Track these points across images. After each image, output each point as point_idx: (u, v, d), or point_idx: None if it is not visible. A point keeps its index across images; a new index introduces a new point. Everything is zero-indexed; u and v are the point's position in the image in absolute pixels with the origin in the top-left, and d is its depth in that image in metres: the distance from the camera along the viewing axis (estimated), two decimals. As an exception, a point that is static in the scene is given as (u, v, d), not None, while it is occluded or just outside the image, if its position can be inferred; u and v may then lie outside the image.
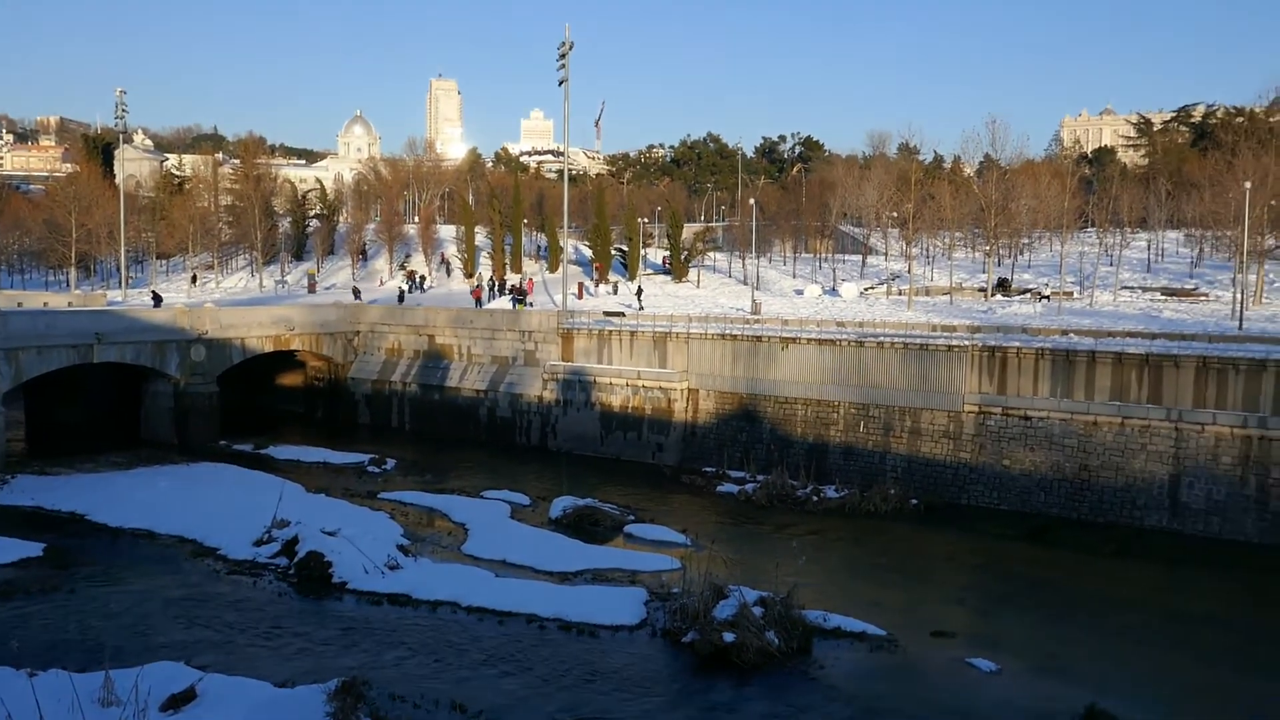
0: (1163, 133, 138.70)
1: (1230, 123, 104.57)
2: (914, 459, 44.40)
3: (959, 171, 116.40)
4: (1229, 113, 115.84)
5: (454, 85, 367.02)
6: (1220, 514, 37.80)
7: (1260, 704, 24.53)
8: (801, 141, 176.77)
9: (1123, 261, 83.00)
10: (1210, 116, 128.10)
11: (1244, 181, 56.35)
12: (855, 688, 24.88)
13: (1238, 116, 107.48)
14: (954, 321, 53.45)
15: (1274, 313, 57.18)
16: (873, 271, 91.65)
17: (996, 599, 32.14)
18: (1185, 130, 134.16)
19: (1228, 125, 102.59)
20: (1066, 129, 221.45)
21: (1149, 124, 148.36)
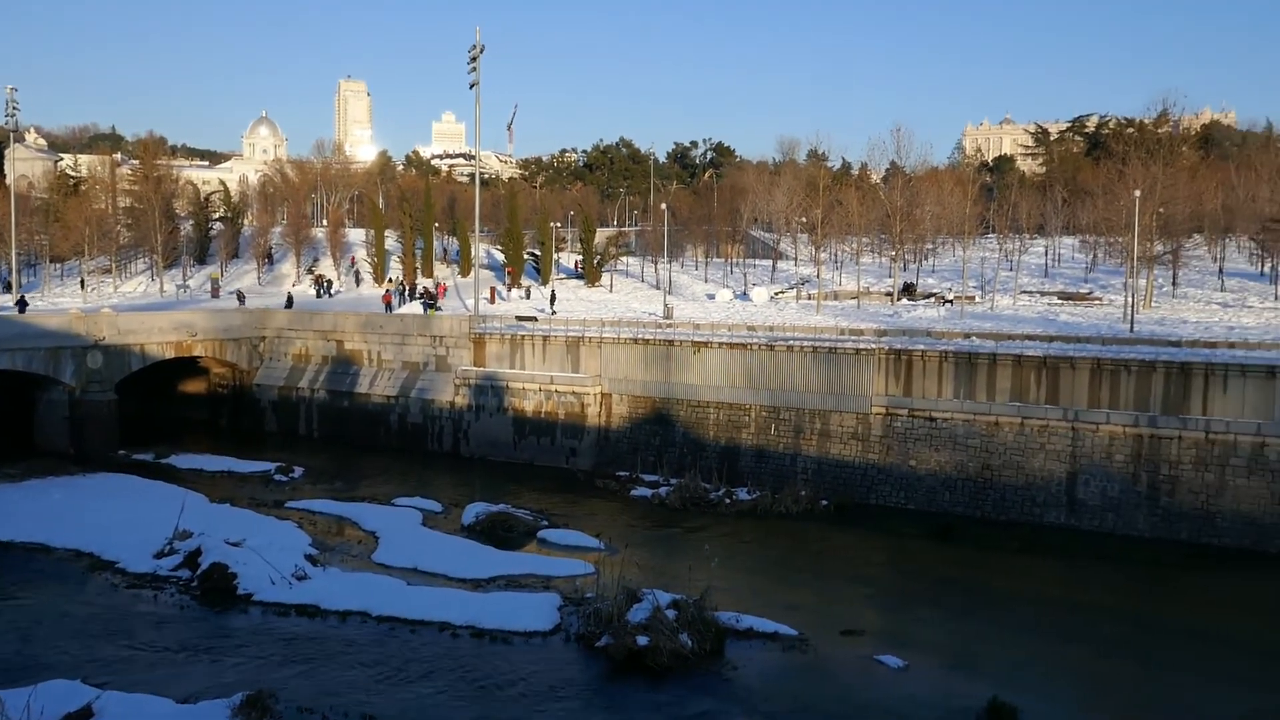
0: (1059, 142, 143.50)
1: (1121, 133, 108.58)
2: (824, 460, 45.13)
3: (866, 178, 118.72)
4: (1120, 124, 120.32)
5: (363, 87, 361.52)
6: (1114, 510, 39.23)
7: (1153, 692, 25.54)
8: (713, 147, 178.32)
9: (1022, 266, 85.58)
10: (1103, 127, 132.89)
11: (1134, 190, 58.55)
12: (768, 688, 25.19)
13: (1128, 127, 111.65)
14: (862, 325, 54.45)
15: (1162, 316, 59.54)
16: (783, 276, 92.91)
17: (904, 597, 32.85)
18: (1080, 140, 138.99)
19: (1119, 135, 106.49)
20: (968, 137, 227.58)
21: (1046, 134, 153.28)
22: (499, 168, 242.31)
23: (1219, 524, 37.35)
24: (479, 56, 59.76)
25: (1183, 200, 72.39)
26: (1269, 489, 36.63)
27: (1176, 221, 71.95)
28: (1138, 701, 25.08)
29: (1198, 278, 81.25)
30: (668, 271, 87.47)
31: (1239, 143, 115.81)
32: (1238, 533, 36.96)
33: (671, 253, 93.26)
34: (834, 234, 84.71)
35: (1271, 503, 36.58)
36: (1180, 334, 47.58)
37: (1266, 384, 37.20)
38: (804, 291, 78.99)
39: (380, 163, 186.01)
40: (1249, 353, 40.53)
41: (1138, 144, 77.95)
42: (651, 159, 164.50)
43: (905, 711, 23.88)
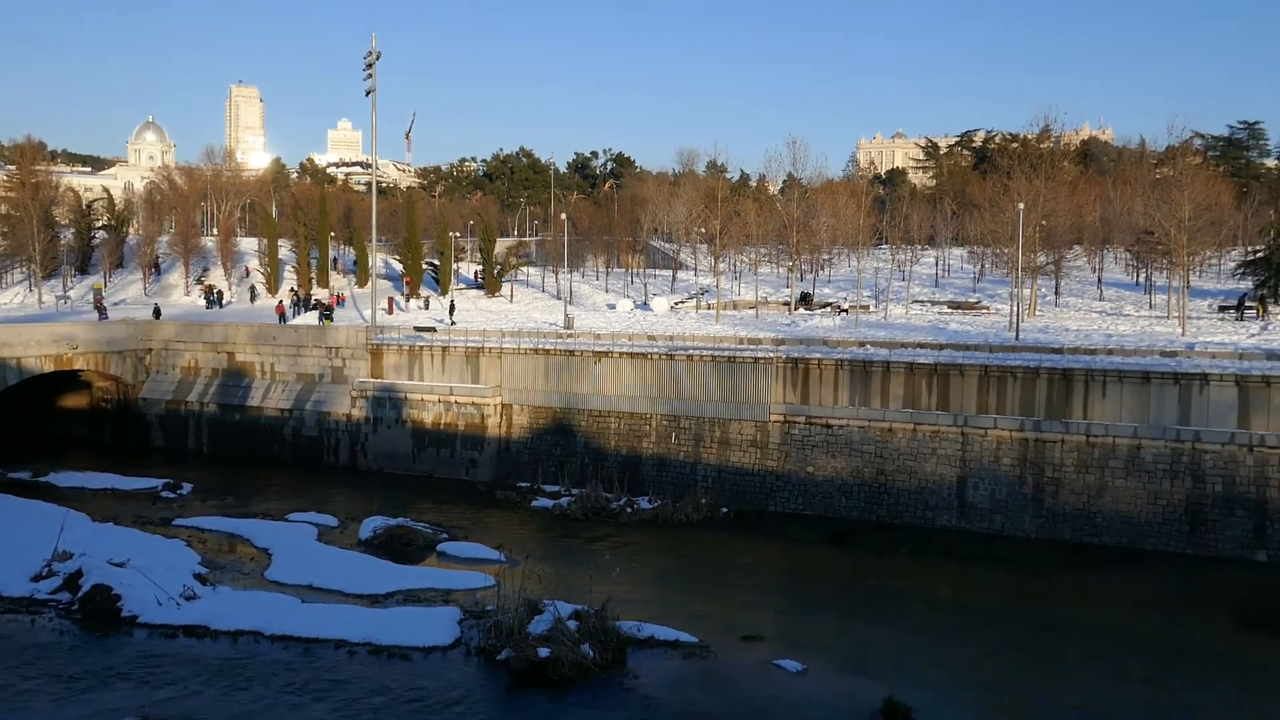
0: (948, 156, 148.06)
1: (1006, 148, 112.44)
2: (724, 468, 45.59)
3: (764, 190, 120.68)
4: (1005, 139, 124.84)
5: (255, 92, 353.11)
6: (1002, 512, 40.52)
7: (1041, 687, 26.42)
8: (614, 158, 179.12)
9: (913, 276, 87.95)
10: (989, 142, 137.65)
11: (1018, 202, 60.72)
12: (669, 695, 25.32)
13: (1013, 142, 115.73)
14: (760, 334, 55.19)
15: (1046, 324, 61.82)
16: (683, 286, 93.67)
17: (802, 601, 33.39)
18: (968, 154, 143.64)
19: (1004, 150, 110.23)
20: (862, 150, 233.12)
21: (936, 148, 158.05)
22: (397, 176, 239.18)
23: (1099, 523, 38.88)
24: (375, 63, 58.94)
25: (1064, 213, 75.29)
26: (1145, 489, 38.29)
27: (1058, 233, 74.80)
28: (1027, 696, 25.92)
29: (1078, 287, 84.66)
30: (568, 281, 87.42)
31: (1115, 158, 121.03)
32: (1116, 531, 38.53)
33: (572, 263, 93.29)
34: (733, 244, 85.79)
35: (1147, 502, 38.23)
36: (1062, 341, 49.44)
37: (1142, 389, 38.90)
38: (704, 301, 79.77)
39: (274, 170, 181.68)
40: (1125, 359, 42.33)
41: (1021, 158, 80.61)
42: (552, 169, 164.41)
43: (803, 714, 24.26)
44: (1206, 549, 37.15)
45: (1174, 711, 24.78)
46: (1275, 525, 36.45)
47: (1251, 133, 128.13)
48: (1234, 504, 37.06)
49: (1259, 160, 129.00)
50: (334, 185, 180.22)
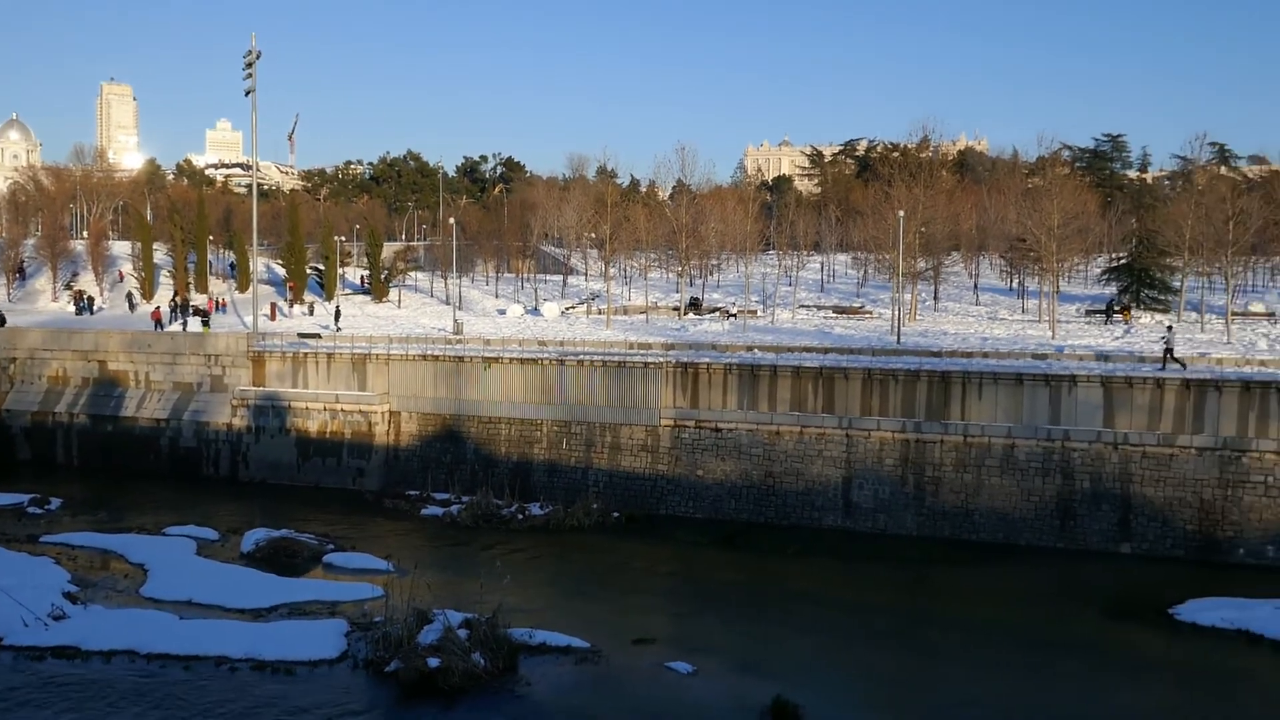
0: (832, 164, 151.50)
1: (887, 157, 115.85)
2: (615, 473, 45.73)
3: (654, 195, 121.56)
4: (887, 148, 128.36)
5: (129, 90, 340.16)
6: (886, 511, 41.63)
7: (923, 680, 27.24)
8: (503, 162, 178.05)
9: (800, 282, 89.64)
10: (871, 151, 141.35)
11: (899, 210, 62.58)
12: (561, 701, 25.30)
13: (894, 151, 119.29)
14: (650, 339, 55.60)
15: (926, 328, 63.82)
16: (573, 291, 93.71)
17: (693, 603, 33.72)
18: (851, 162, 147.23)
19: (885, 159, 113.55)
20: (750, 158, 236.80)
21: (821, 156, 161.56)
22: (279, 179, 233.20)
23: (977, 520, 40.27)
24: (255, 63, 57.39)
25: (942, 220, 77.90)
26: (1019, 487, 39.82)
27: (937, 240, 77.35)
28: (910, 688, 26.70)
29: (956, 292, 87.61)
30: (458, 287, 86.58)
31: (990, 168, 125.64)
32: (992, 528, 39.97)
33: (462, 268, 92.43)
34: (623, 250, 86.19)
35: (1021, 499, 39.76)
36: (941, 345, 51.16)
37: (1015, 390, 40.45)
38: (594, 306, 79.92)
39: (148, 171, 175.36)
40: (1000, 361, 44.01)
41: (902, 167, 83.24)
42: (440, 173, 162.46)
43: (694, 715, 24.51)
44: (1076, 542, 38.83)
45: (1049, 699, 25.78)
46: (1138, 519, 38.31)
47: (1115, 145, 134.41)
48: (1100, 499, 38.83)
49: (1122, 171, 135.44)
50: (213, 187, 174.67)
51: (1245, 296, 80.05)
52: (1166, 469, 38.04)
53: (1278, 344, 52.95)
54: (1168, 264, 73.93)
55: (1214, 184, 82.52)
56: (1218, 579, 34.77)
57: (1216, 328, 61.32)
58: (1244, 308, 72.85)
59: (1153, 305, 75.66)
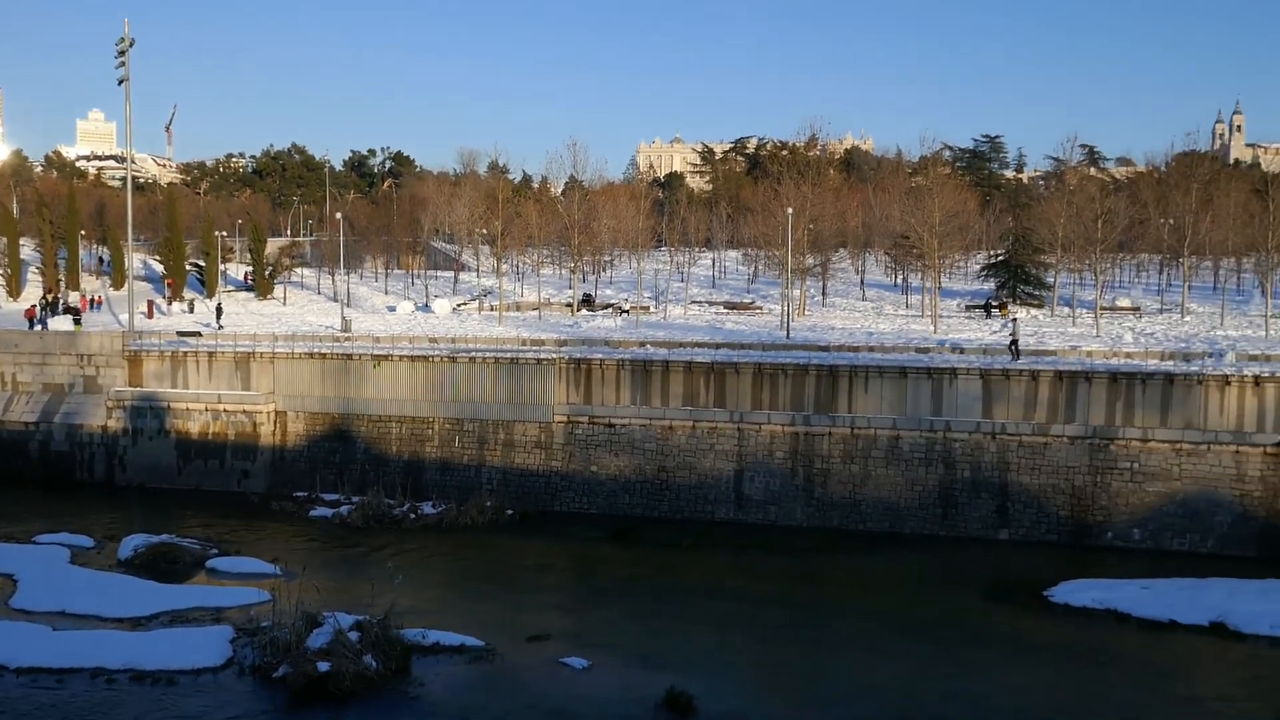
0: (723, 161, 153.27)
1: (777, 155, 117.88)
2: (509, 470, 45.50)
3: (546, 191, 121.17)
4: (776, 146, 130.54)
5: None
6: (776, 503, 42.40)
7: (813, 667, 27.86)
8: (392, 156, 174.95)
9: (692, 278, 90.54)
10: (761, 149, 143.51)
11: (787, 207, 63.71)
12: (455, 700, 25.12)
13: (783, 149, 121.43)
14: (543, 336, 55.45)
15: (814, 323, 65.13)
16: (465, 288, 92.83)
17: (588, 599, 33.82)
18: (741, 160, 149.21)
19: (775, 157, 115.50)
20: (642, 154, 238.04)
21: (712, 153, 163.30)
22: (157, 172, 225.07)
23: (864, 510, 41.33)
24: (129, 50, 55.20)
25: (829, 218, 79.57)
26: (903, 477, 41.00)
27: (825, 237, 78.95)
28: (800, 676, 27.27)
29: (843, 288, 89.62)
30: (346, 283, 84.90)
31: (875, 167, 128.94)
32: (879, 517, 41.08)
33: (350, 264, 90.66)
34: (515, 246, 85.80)
35: (906, 488, 40.96)
36: (829, 340, 52.25)
37: (899, 383, 41.63)
38: (486, 303, 79.31)
39: (14, 163, 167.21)
40: (885, 356, 45.27)
41: (790, 165, 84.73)
42: (327, 166, 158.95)
43: (588, 710, 24.60)
44: (957, 530, 40.18)
45: (932, 681, 26.64)
46: (1015, 506, 39.85)
47: (993, 146, 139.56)
48: (980, 488, 40.26)
49: (999, 171, 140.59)
50: (85, 180, 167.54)
51: (1113, 292, 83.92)
52: (1041, 457, 39.65)
53: (1142, 337, 55.63)
54: (1042, 261, 77.01)
55: (1084, 184, 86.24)
56: (1089, 561, 36.44)
57: (1087, 321, 64.09)
58: (1112, 303, 76.35)
59: (1028, 300, 78.70)
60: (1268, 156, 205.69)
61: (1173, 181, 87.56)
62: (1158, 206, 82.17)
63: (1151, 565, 35.67)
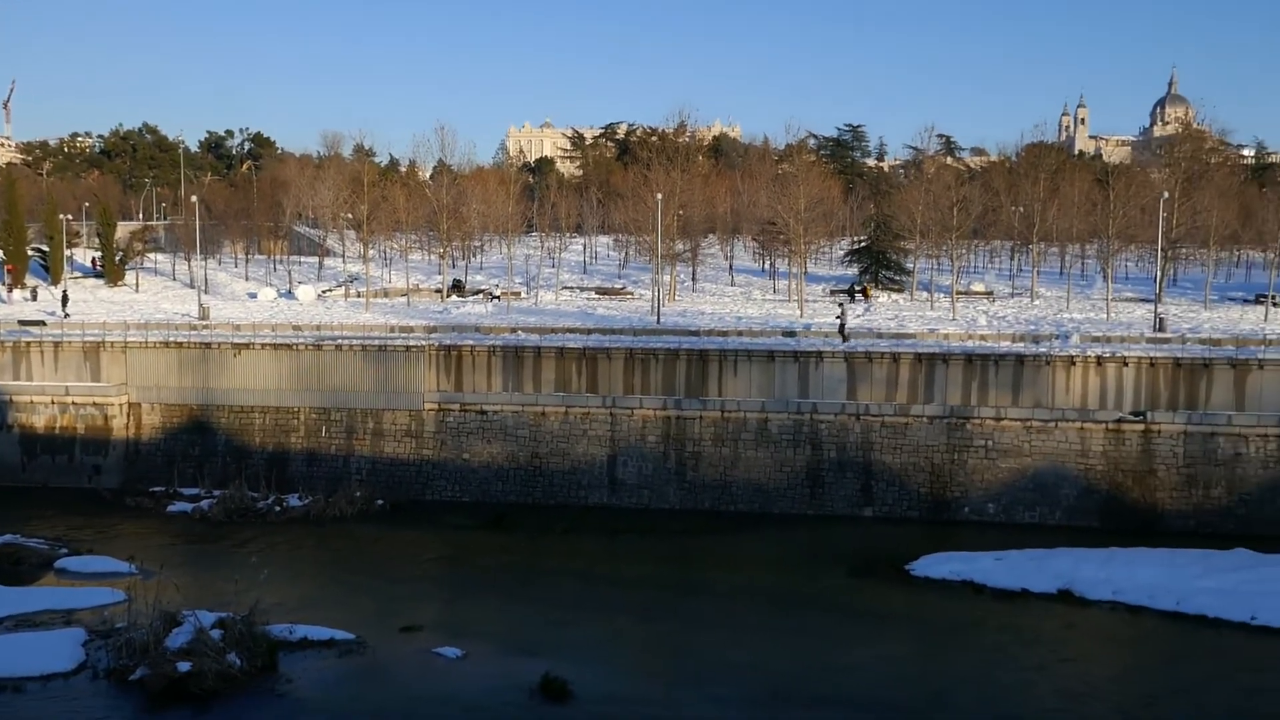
0: (593, 147, 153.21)
1: (646, 141, 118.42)
2: (379, 460, 44.66)
3: (414, 175, 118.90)
4: (645, 132, 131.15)
5: None
6: (650, 487, 42.79)
7: (686, 647, 28.29)
8: (251, 138, 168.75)
9: (563, 263, 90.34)
10: (631, 135, 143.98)
11: (657, 193, 64.18)
12: (324, 695, 24.59)
13: (652, 136, 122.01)
14: (412, 322, 54.60)
15: (684, 308, 65.93)
16: (330, 273, 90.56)
17: (461, 588, 33.52)
18: (611, 145, 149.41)
19: (644, 143, 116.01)
20: (512, 139, 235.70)
21: (582, 138, 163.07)
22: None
23: (734, 492, 42.09)
24: (-40, 22, 51.73)
25: (698, 204, 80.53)
26: (772, 458, 41.91)
27: (694, 223, 79.89)
28: (674, 656, 27.67)
29: (713, 273, 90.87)
30: (203, 269, 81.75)
31: (743, 154, 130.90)
32: (749, 498, 41.90)
33: (207, 249, 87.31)
34: (382, 230, 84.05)
35: (774, 469, 41.88)
36: (699, 324, 53.00)
37: (767, 366, 42.48)
38: (353, 289, 77.54)
39: None
40: (754, 340, 46.14)
41: (660, 151, 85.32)
42: (181, 148, 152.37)
43: (462, 699, 24.41)
44: (824, 508, 41.32)
45: (801, 655, 27.38)
46: (879, 485, 41.20)
47: (855, 135, 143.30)
48: (845, 467, 41.47)
49: (862, 160, 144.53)
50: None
51: (968, 277, 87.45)
52: (902, 437, 41.07)
53: (995, 320, 58.18)
54: (902, 246, 79.69)
55: (941, 173, 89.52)
56: (947, 535, 37.96)
57: (944, 305, 66.64)
58: (967, 287, 79.62)
59: (890, 285, 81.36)
60: (1109, 148, 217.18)
61: (1022, 171, 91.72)
62: (1009, 195, 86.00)
63: (1005, 537, 37.37)
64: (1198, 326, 55.36)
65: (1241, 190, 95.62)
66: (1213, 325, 56.30)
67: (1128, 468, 39.51)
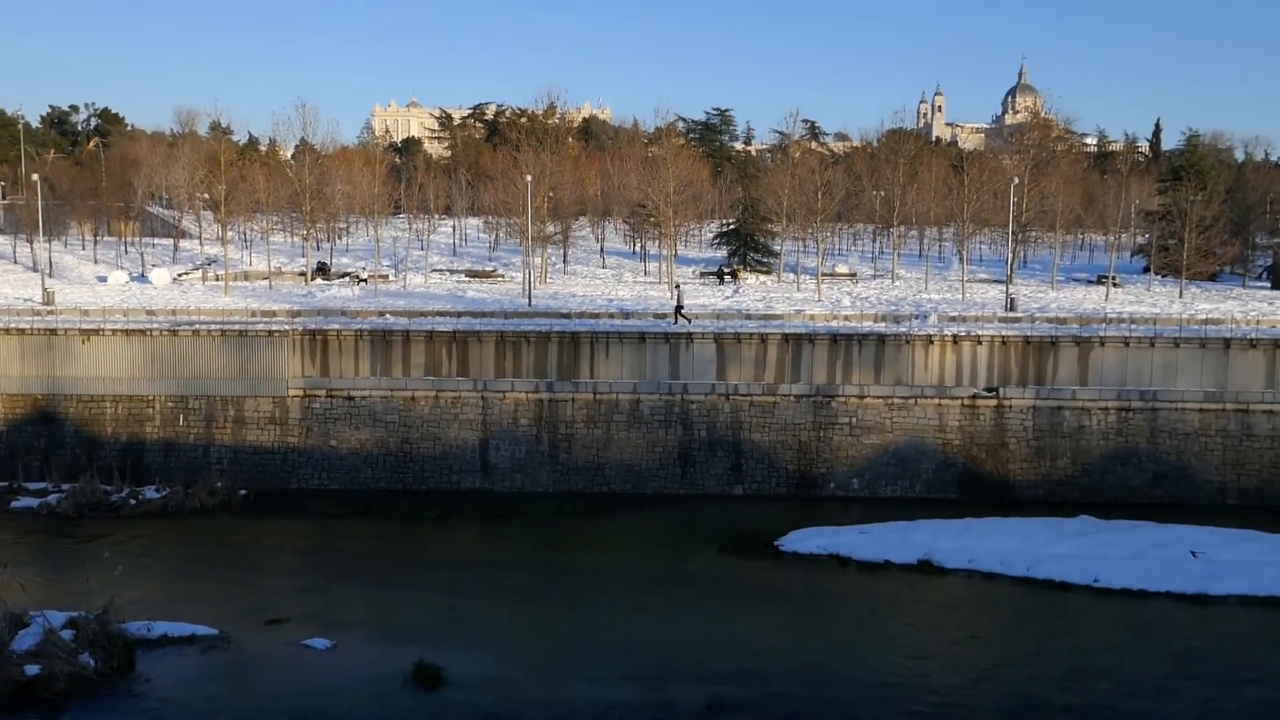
0: (462, 127, 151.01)
1: (515, 122, 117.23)
2: (241, 448, 43.25)
3: (275, 154, 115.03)
4: (514, 113, 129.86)
5: None
6: (523, 470, 42.65)
7: (560, 629, 28.37)
8: (98, 113, 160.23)
9: (432, 246, 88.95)
10: (500, 115, 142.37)
11: (526, 175, 63.75)
12: (185, 694, 23.77)
13: (521, 117, 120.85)
14: (275, 306, 52.99)
15: (556, 290, 65.79)
16: (187, 256, 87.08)
17: (329, 578, 32.77)
18: (480, 126, 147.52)
19: (513, 124, 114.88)
20: (378, 118, 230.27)
21: (450, 118, 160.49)
22: None
23: (607, 473, 42.32)
24: None
25: (569, 186, 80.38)
26: (645, 439, 42.28)
27: (565, 205, 79.71)
28: (547, 639, 27.69)
29: (584, 255, 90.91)
30: (47, 252, 77.43)
31: (613, 136, 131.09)
32: (622, 479, 42.20)
33: (51, 231, 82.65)
34: (242, 212, 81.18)
35: (647, 450, 42.26)
36: (571, 307, 52.98)
37: (639, 348, 42.77)
38: (211, 272, 74.70)
39: None
40: (625, 322, 46.39)
41: (529, 133, 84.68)
42: (21, 123, 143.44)
43: (332, 691, 23.92)
44: (696, 488, 41.95)
45: (673, 633, 27.76)
46: (748, 463, 42.03)
47: (723, 119, 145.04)
48: (716, 446, 42.16)
49: (730, 144, 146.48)
50: None
51: (833, 259, 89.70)
52: (771, 416, 41.99)
53: (859, 301, 59.93)
54: (769, 229, 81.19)
55: (806, 158, 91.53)
56: (814, 511, 39.05)
57: (810, 287, 68.28)
58: (832, 269, 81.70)
59: (758, 267, 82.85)
60: (964, 135, 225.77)
61: (883, 156, 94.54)
62: (871, 179, 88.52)
63: (869, 511, 38.67)
64: (1046, 306, 58.27)
65: (1085, 176, 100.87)
66: (1059, 305, 59.32)
67: (982, 441, 41.34)
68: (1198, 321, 49.82)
